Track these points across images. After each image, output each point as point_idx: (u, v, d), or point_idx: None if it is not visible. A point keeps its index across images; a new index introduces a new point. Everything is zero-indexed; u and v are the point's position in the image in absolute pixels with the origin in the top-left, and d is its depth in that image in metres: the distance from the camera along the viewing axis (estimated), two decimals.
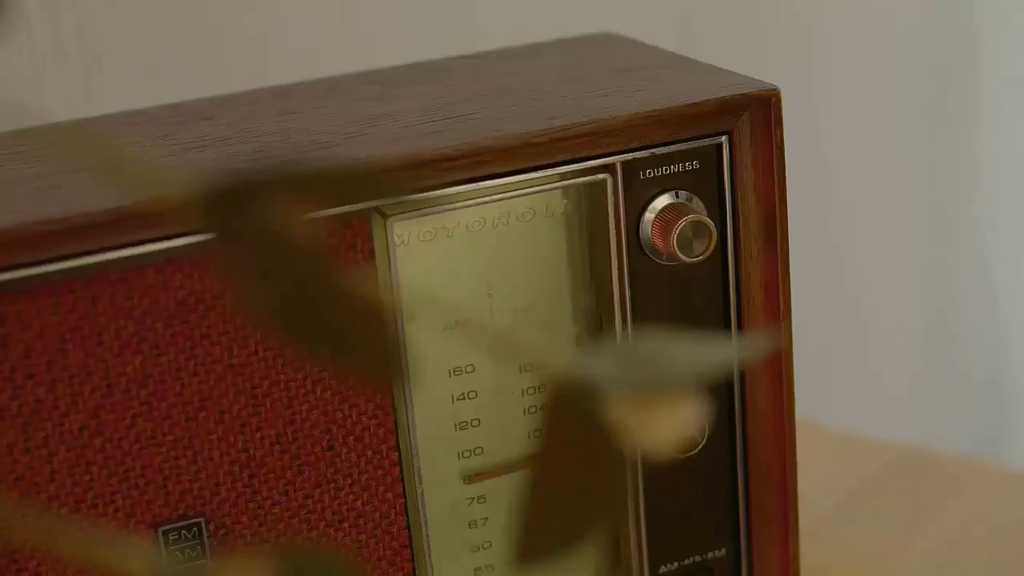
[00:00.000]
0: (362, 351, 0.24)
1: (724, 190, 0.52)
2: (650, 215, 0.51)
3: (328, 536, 0.50)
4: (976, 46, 1.26)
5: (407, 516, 0.51)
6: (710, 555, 0.56)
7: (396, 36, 0.86)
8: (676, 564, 0.55)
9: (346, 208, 0.47)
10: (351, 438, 0.49)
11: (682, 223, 0.50)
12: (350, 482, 0.50)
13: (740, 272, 0.53)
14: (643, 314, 0.52)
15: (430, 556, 0.52)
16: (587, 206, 0.51)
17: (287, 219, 0.24)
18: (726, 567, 0.56)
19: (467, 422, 0.52)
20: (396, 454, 0.50)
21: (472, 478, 0.53)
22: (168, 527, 0.48)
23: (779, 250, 0.52)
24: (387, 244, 0.48)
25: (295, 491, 0.49)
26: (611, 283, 0.51)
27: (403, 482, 0.50)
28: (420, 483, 0.51)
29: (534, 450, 0.26)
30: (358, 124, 0.51)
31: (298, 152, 0.49)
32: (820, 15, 1.12)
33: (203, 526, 0.48)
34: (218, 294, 0.46)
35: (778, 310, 0.53)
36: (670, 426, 0.25)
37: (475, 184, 0.49)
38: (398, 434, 0.50)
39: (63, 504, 0.46)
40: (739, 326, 0.53)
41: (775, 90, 0.51)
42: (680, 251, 0.50)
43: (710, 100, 0.51)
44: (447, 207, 0.49)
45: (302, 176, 0.24)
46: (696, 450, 0.53)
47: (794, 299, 0.53)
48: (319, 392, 0.49)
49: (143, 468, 0.47)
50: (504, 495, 0.53)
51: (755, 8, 1.07)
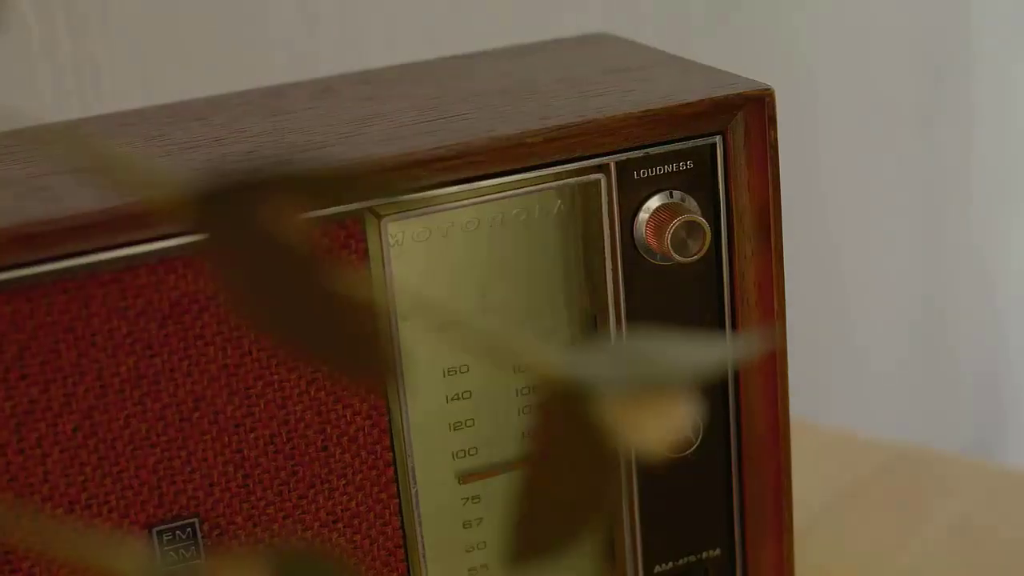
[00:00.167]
0: (356, 352, 0.24)
1: (718, 190, 0.52)
2: (644, 215, 0.51)
3: (322, 536, 0.50)
4: (970, 45, 1.26)
5: (401, 516, 0.51)
6: (705, 555, 0.56)
7: (389, 36, 0.86)
8: (671, 564, 0.55)
9: (340, 208, 0.47)
10: (345, 438, 0.49)
11: (676, 223, 0.50)
12: (344, 482, 0.50)
13: (734, 272, 0.53)
14: (637, 314, 0.52)
15: (424, 556, 0.52)
16: (581, 206, 0.51)
17: (281, 219, 0.24)
18: (720, 566, 0.56)
19: (461, 422, 0.52)
20: (390, 454, 0.50)
21: (466, 478, 0.53)
22: (162, 528, 0.48)
23: (773, 250, 0.52)
24: (381, 244, 0.48)
25: (289, 492, 0.49)
26: (605, 283, 0.51)
27: (397, 482, 0.50)
28: (414, 483, 0.51)
29: (528, 450, 0.26)
30: (352, 124, 0.51)
31: (292, 152, 0.49)
32: (814, 15, 1.12)
33: (197, 527, 0.48)
34: (212, 295, 0.46)
35: (772, 310, 0.53)
36: (664, 426, 0.25)
37: (469, 184, 0.49)
38: (392, 434, 0.50)
39: (57, 505, 0.46)
40: (733, 326, 0.53)
41: (769, 90, 0.51)
42: (674, 251, 0.50)
43: (704, 100, 0.51)
44: (441, 207, 0.49)
45: (296, 176, 0.24)
46: (690, 450, 0.53)
47: (788, 299, 0.53)
48: (313, 393, 0.49)
49: (137, 469, 0.47)
50: (498, 495, 0.53)
51: (751, 8, 1.07)
